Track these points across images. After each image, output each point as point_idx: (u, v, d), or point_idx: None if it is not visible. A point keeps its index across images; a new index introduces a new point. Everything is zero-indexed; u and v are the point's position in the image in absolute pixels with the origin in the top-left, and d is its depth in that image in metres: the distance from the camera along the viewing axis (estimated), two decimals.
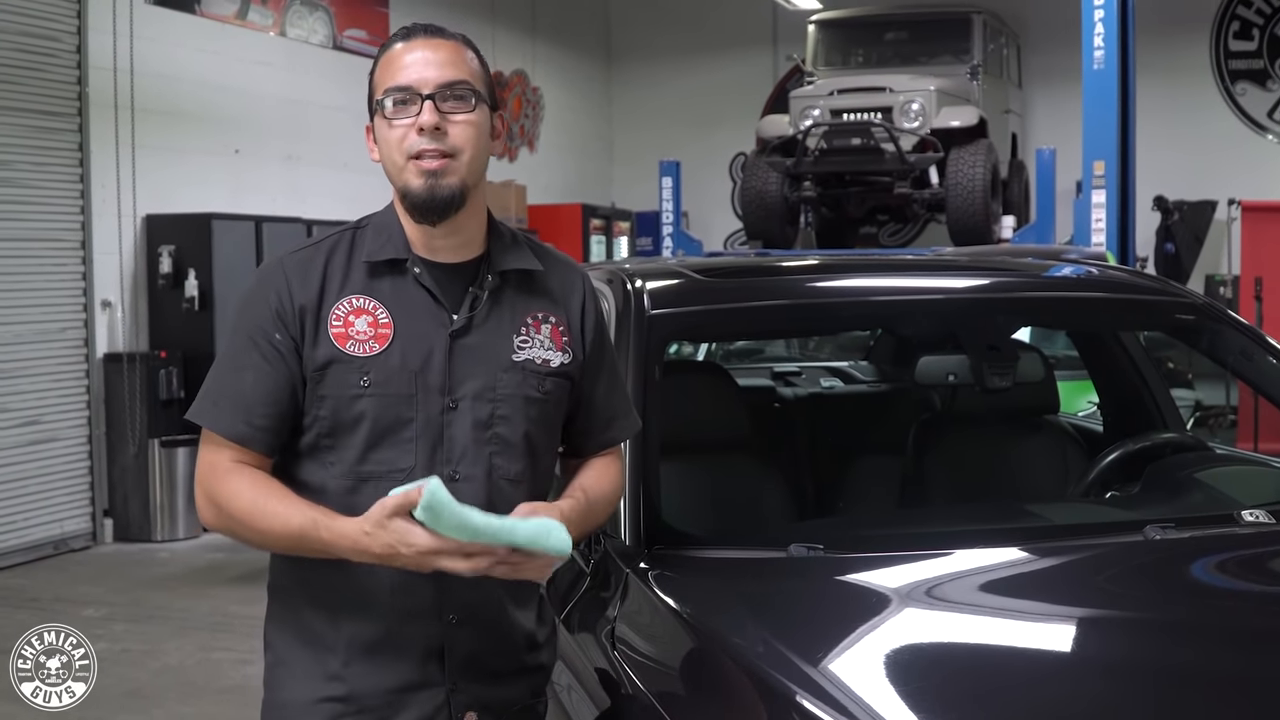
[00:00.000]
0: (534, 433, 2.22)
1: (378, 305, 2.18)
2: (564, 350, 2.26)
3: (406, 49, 2.18)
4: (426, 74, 2.14)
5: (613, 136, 16.61)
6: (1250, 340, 3.48)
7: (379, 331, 2.16)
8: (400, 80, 2.15)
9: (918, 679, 2.15)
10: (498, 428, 2.19)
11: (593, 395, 2.33)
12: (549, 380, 2.23)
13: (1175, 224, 13.29)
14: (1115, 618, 2.48)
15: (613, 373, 2.39)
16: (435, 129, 2.12)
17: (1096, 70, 8.84)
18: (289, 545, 2.12)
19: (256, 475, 2.15)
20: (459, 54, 2.19)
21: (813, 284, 3.84)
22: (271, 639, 2.29)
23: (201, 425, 2.19)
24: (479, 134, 2.17)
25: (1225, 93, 14.06)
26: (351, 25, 11.70)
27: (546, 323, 2.25)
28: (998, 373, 3.65)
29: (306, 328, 2.16)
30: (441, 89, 2.14)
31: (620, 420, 2.39)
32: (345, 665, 2.18)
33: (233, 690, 5.61)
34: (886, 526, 3.21)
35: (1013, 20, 13.95)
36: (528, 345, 2.22)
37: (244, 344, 2.18)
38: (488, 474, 2.18)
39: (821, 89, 12.28)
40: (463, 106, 2.15)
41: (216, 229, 9.15)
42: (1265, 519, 2.78)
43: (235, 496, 2.13)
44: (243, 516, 2.13)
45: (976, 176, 11.51)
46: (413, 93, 2.14)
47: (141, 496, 8.90)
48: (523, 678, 2.30)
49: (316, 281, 2.18)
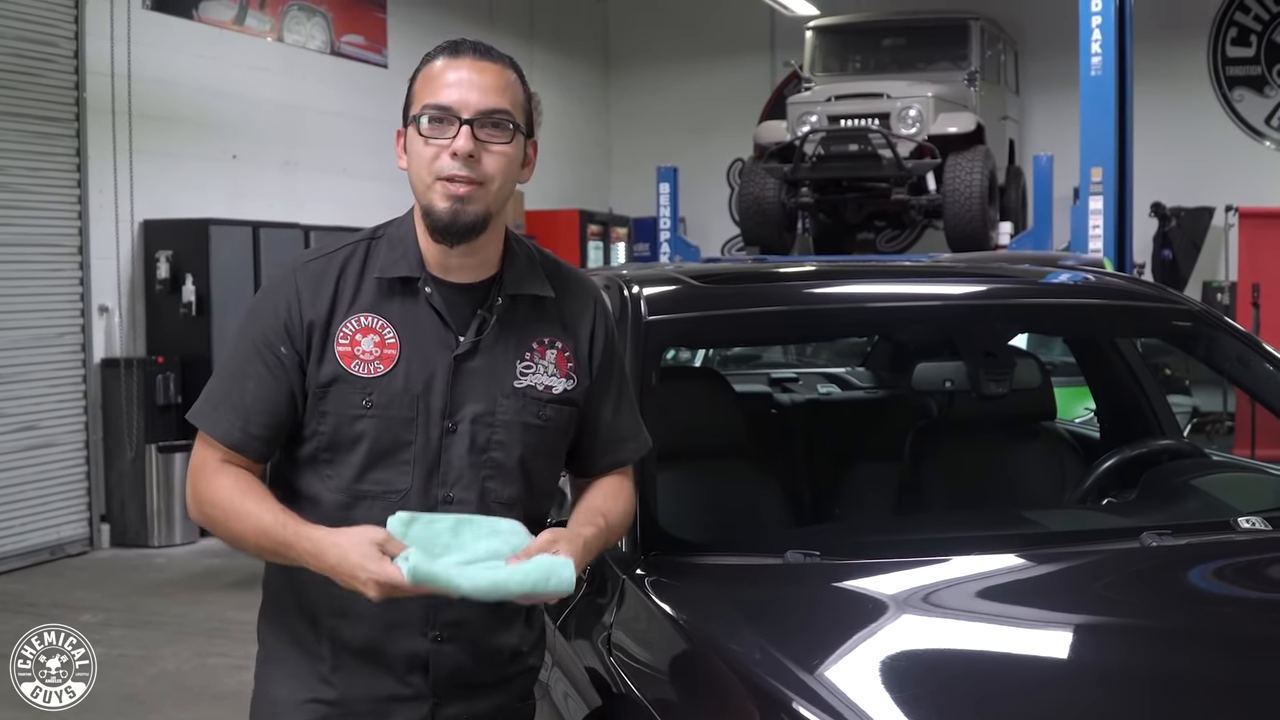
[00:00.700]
0: (530, 459, 2.20)
1: (385, 325, 2.15)
2: (568, 377, 2.23)
3: (451, 66, 2.12)
4: (469, 97, 2.09)
5: (610, 142, 16.60)
6: (1247, 347, 3.48)
7: (385, 352, 2.14)
8: (441, 99, 2.09)
9: (914, 685, 2.15)
10: (493, 452, 2.17)
11: (599, 418, 2.30)
12: (549, 407, 2.21)
13: (1172, 230, 13.29)
14: (1112, 624, 2.48)
15: (622, 394, 2.35)
16: (470, 156, 2.08)
17: (1094, 76, 8.86)
18: (256, 542, 2.10)
19: (240, 475, 2.15)
20: (504, 80, 2.13)
21: (810, 290, 3.84)
22: (263, 635, 2.30)
23: (199, 427, 2.19)
24: (511, 164, 2.13)
25: (1223, 99, 14.06)
26: (349, 31, 11.69)
27: (552, 348, 2.22)
28: (994, 379, 3.65)
29: (314, 343, 2.14)
30: (481, 116, 2.09)
31: (630, 442, 2.35)
32: (332, 671, 2.19)
33: (229, 696, 5.60)
34: (883, 533, 3.21)
35: (1010, 26, 13.95)
36: (531, 371, 2.20)
37: (249, 351, 2.17)
38: (481, 497, 2.16)
39: (819, 95, 12.27)
40: (500, 136, 2.11)
41: (214, 234, 9.15)
42: (1262, 526, 2.78)
43: (215, 492, 2.14)
44: (219, 514, 2.14)
45: (974, 183, 11.50)
46: (451, 114, 2.09)
47: (139, 502, 8.89)
48: (508, 686, 2.30)
49: (328, 296, 2.16)
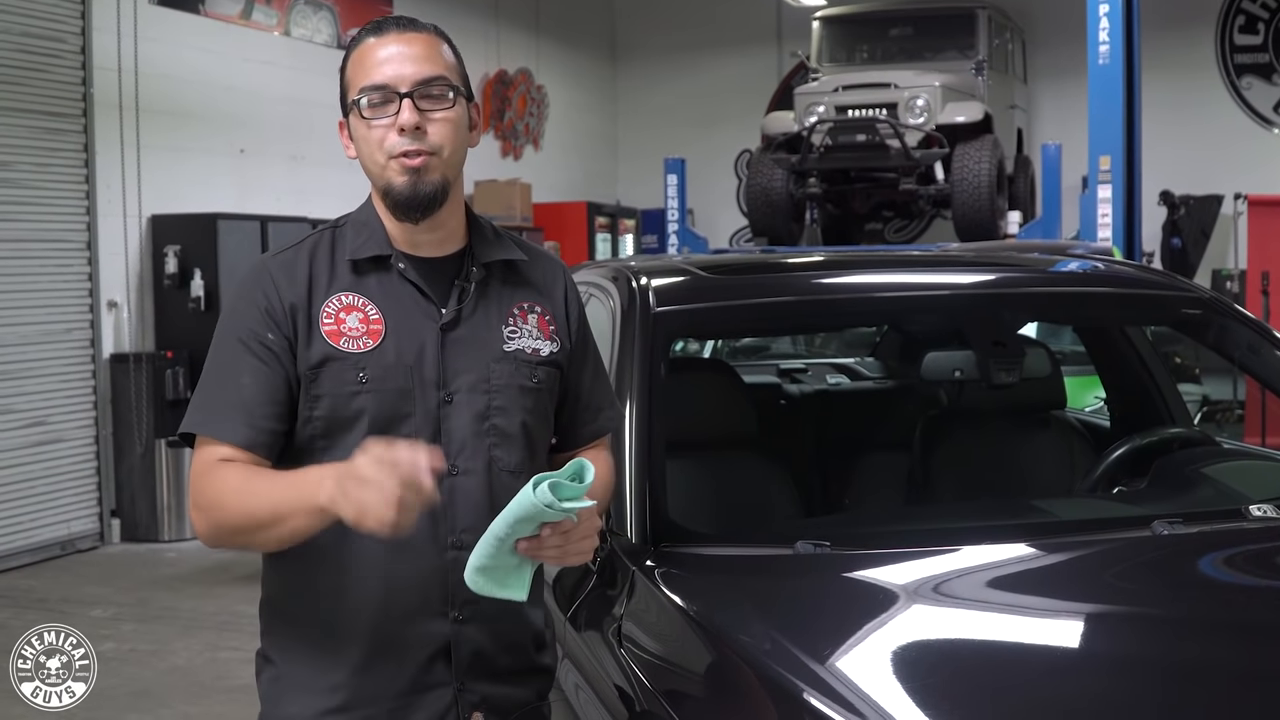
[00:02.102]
0: (531, 423, 2.21)
1: (367, 301, 2.15)
2: (552, 339, 2.25)
3: (379, 44, 2.13)
4: (403, 70, 2.10)
5: (618, 134, 16.60)
6: (1257, 334, 3.46)
7: (370, 328, 2.13)
8: (376, 78, 2.10)
9: (925, 676, 2.14)
10: (495, 419, 2.17)
11: (579, 385, 2.32)
12: (540, 369, 2.22)
13: (1181, 219, 13.27)
14: (1123, 613, 2.47)
15: (597, 363, 2.38)
16: (416, 128, 2.09)
17: (1102, 65, 8.82)
18: (268, 515, 2.00)
19: (239, 465, 2.07)
20: (434, 47, 2.14)
21: (818, 280, 3.83)
22: (270, 654, 2.22)
23: (200, 435, 2.11)
24: (458, 129, 2.14)
25: (1231, 87, 14.01)
26: (356, 24, 11.59)
27: (533, 312, 2.24)
28: (1004, 368, 3.64)
29: (299, 326, 2.12)
30: (419, 86, 2.10)
31: (607, 410, 2.38)
32: (350, 674, 2.14)
33: (240, 690, 5.60)
34: (893, 523, 3.20)
35: (1018, 15, 13.92)
36: (517, 335, 2.21)
37: (235, 349, 2.12)
38: (488, 466, 2.16)
39: (826, 85, 12.25)
40: (441, 104, 2.12)
41: (222, 229, 9.15)
42: (1273, 514, 2.77)
43: (222, 483, 2.05)
44: (222, 514, 2.05)
45: (982, 172, 11.49)
46: (390, 91, 2.09)
47: (148, 496, 8.91)
48: (529, 678, 2.28)
49: (303, 280, 2.15)
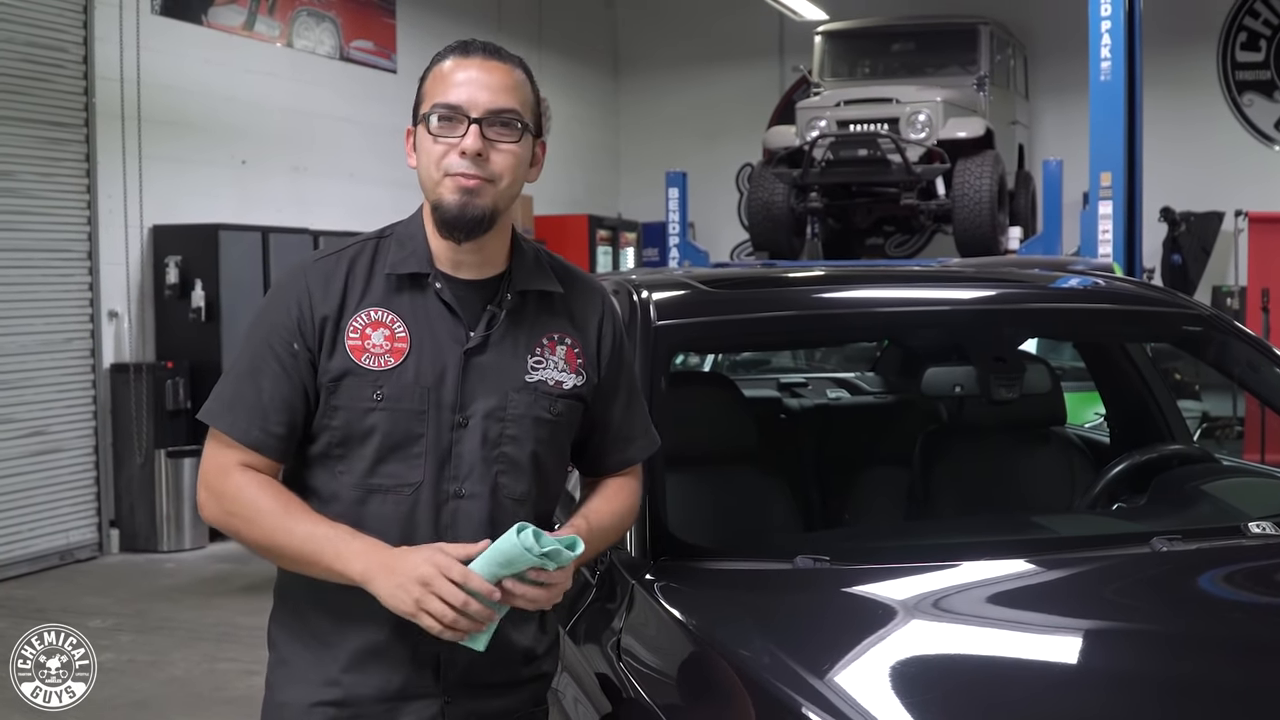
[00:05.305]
0: (542, 453, 2.22)
1: (395, 319, 2.17)
2: (578, 373, 2.25)
3: (462, 64, 2.16)
4: (478, 97, 2.12)
5: (619, 147, 16.61)
6: (1257, 351, 3.47)
7: (395, 345, 2.16)
8: (450, 98, 2.13)
9: (924, 692, 2.14)
10: (505, 447, 2.18)
11: (608, 416, 2.32)
12: (560, 402, 2.23)
13: (1182, 235, 13.28)
14: (1122, 630, 2.47)
15: (631, 393, 2.37)
16: (477, 155, 2.11)
17: (1103, 81, 8.83)
18: (292, 556, 2.13)
19: (272, 484, 2.16)
20: (512, 80, 2.17)
21: (819, 295, 3.83)
22: (275, 638, 2.29)
23: (216, 427, 2.19)
24: (519, 163, 2.16)
25: (1232, 104, 14.04)
26: (358, 36, 11.71)
27: (562, 344, 2.24)
28: (1004, 384, 3.64)
29: (325, 338, 2.16)
30: (490, 115, 2.12)
31: (638, 440, 2.38)
32: (344, 670, 2.18)
33: (238, 701, 5.60)
34: (893, 538, 3.20)
35: (1020, 31, 13.95)
36: (541, 366, 2.22)
37: (262, 349, 2.18)
38: (492, 492, 2.17)
39: (828, 100, 12.27)
40: (508, 135, 2.14)
41: (223, 240, 9.17)
42: (1272, 531, 2.77)
43: (253, 503, 2.13)
44: (247, 526, 2.14)
45: (983, 187, 11.50)
46: (461, 113, 2.12)
47: (148, 507, 8.90)
48: (520, 689, 2.29)
49: (338, 292, 2.18)
